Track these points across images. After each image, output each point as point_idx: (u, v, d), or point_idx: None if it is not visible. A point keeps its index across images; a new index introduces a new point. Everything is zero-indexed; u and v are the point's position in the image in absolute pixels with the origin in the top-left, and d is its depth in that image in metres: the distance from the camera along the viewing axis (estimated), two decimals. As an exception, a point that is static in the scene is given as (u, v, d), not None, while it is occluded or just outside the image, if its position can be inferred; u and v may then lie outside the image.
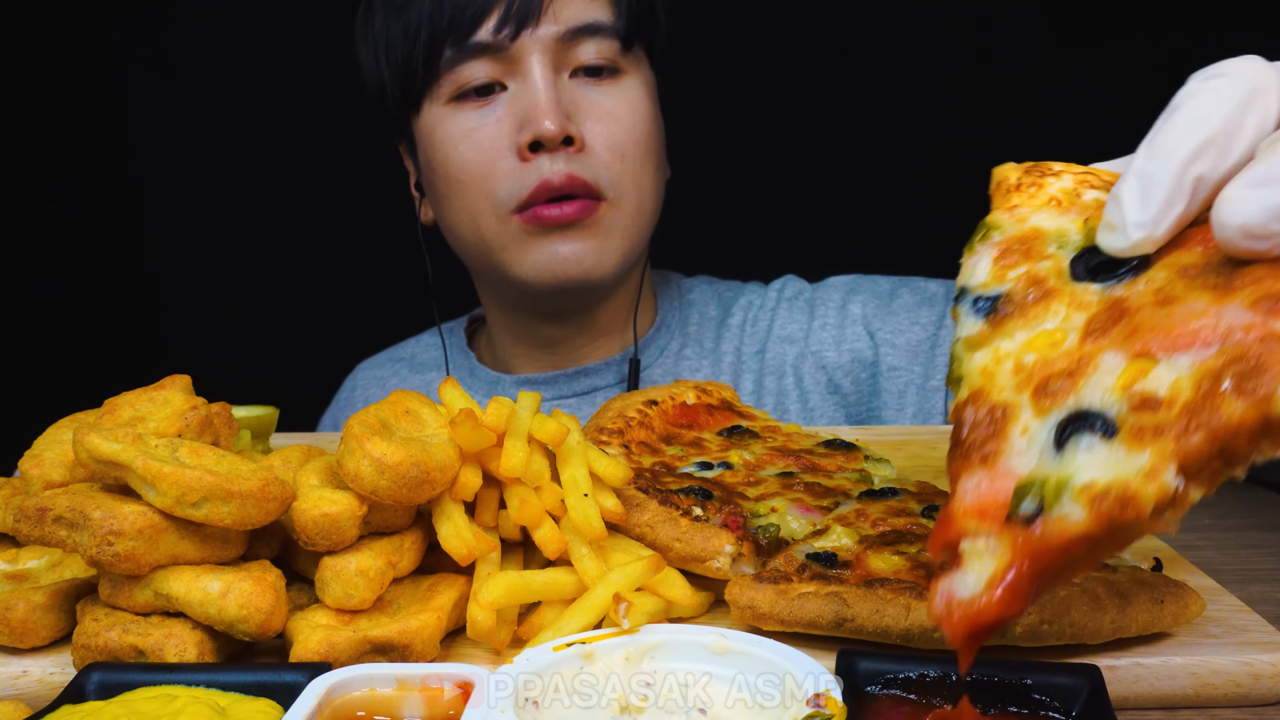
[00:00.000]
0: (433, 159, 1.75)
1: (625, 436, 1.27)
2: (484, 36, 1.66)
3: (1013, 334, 0.78)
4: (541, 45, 1.67)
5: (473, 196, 1.72)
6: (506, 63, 1.68)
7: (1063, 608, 0.92)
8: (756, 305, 2.00)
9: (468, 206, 1.73)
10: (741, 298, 2.03)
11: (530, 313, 1.87)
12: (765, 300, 2.00)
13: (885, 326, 1.89)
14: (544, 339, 1.90)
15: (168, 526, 0.91)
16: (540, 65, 1.67)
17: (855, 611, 0.93)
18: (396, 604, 0.98)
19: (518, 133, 1.67)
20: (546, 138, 1.64)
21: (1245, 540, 1.28)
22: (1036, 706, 0.82)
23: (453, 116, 1.72)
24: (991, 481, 0.74)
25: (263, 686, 0.85)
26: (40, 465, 1.08)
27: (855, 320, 1.92)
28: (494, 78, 1.69)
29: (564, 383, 1.91)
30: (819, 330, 1.93)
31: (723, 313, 2.01)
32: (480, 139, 1.69)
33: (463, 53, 1.68)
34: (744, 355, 1.95)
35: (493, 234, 1.72)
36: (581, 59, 1.71)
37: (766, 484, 1.18)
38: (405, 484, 0.94)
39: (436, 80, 1.71)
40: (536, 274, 1.72)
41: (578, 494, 1.00)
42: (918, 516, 1.11)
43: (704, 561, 1.03)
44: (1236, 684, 0.92)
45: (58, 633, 0.99)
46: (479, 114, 1.70)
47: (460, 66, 1.69)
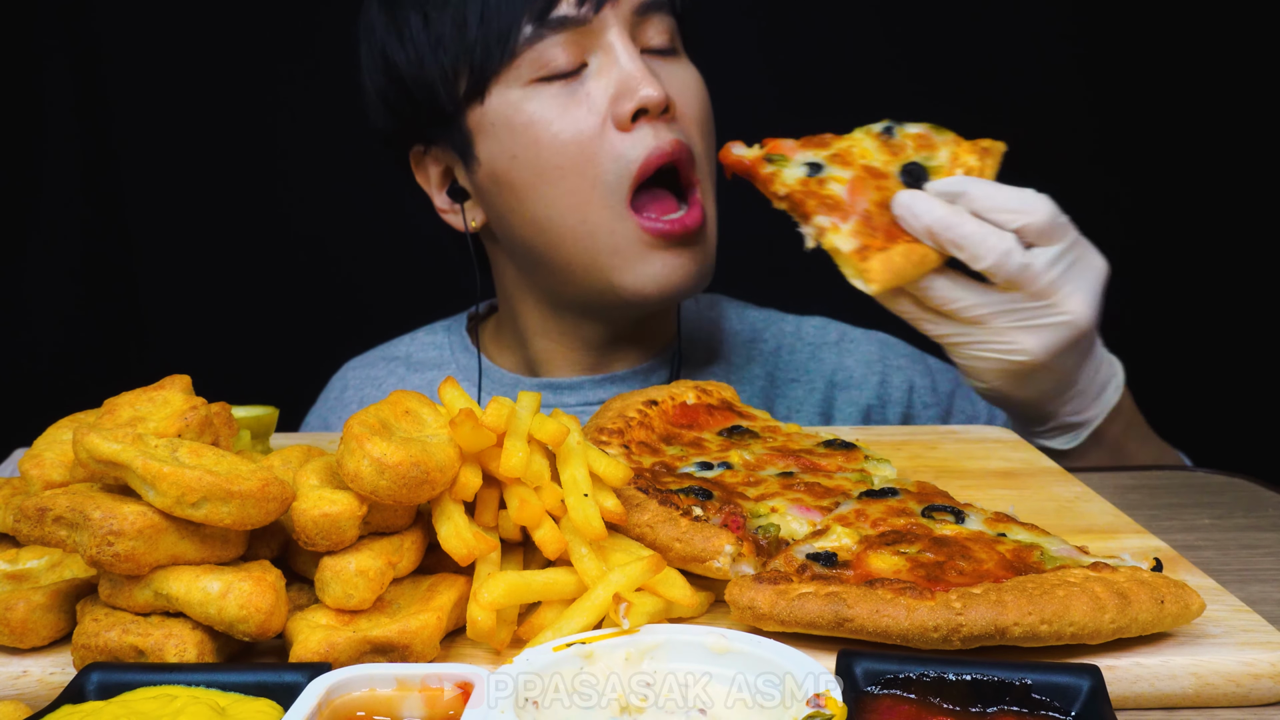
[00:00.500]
0: (516, 146, 1.67)
1: (625, 436, 1.27)
2: (566, 10, 1.62)
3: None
4: (620, 18, 1.65)
5: (574, 183, 1.65)
6: (586, 38, 1.64)
7: (1063, 608, 0.92)
8: (791, 335, 2.00)
9: (570, 194, 1.66)
10: (772, 324, 2.02)
11: (582, 315, 1.83)
12: (801, 333, 2.00)
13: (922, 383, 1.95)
14: (587, 340, 1.86)
15: (168, 526, 0.91)
16: (623, 37, 1.65)
17: (855, 611, 0.93)
18: (396, 604, 0.98)
19: (612, 105, 1.63)
20: (653, 103, 1.61)
21: (1245, 540, 1.28)
22: (1036, 706, 0.82)
23: (537, 96, 1.65)
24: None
25: (263, 686, 0.85)
26: (40, 465, 1.08)
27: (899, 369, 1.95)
28: (575, 57, 1.65)
29: (589, 389, 1.87)
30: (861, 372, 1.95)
31: (751, 333, 2.00)
32: (574, 120, 1.64)
33: (544, 27, 1.62)
34: (778, 381, 1.94)
35: (605, 230, 1.66)
36: (649, 37, 1.70)
37: (766, 484, 1.18)
38: (405, 484, 0.94)
39: (513, 60, 1.64)
40: (649, 286, 1.68)
41: (578, 494, 1.00)
42: (918, 516, 1.11)
43: (704, 561, 1.03)
44: (1236, 684, 0.92)
45: (58, 633, 0.99)
46: (566, 93, 1.65)
47: (539, 44, 1.63)
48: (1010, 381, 1.49)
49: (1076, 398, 1.55)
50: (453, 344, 2.04)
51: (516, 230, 1.76)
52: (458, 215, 1.83)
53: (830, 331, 2.01)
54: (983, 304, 1.43)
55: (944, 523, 1.10)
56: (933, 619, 0.92)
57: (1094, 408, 1.56)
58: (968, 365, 1.50)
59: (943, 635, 0.92)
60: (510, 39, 1.63)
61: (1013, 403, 1.56)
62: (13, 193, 2.91)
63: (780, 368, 1.96)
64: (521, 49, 1.63)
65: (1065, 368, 1.48)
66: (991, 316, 1.43)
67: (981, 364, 1.47)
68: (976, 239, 1.39)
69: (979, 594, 0.93)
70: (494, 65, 1.65)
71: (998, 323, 1.43)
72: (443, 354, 2.04)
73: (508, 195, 1.72)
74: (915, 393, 1.94)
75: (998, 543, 1.05)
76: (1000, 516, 1.12)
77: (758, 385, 1.94)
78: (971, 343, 1.46)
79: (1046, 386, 1.51)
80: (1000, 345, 1.45)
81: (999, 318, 1.43)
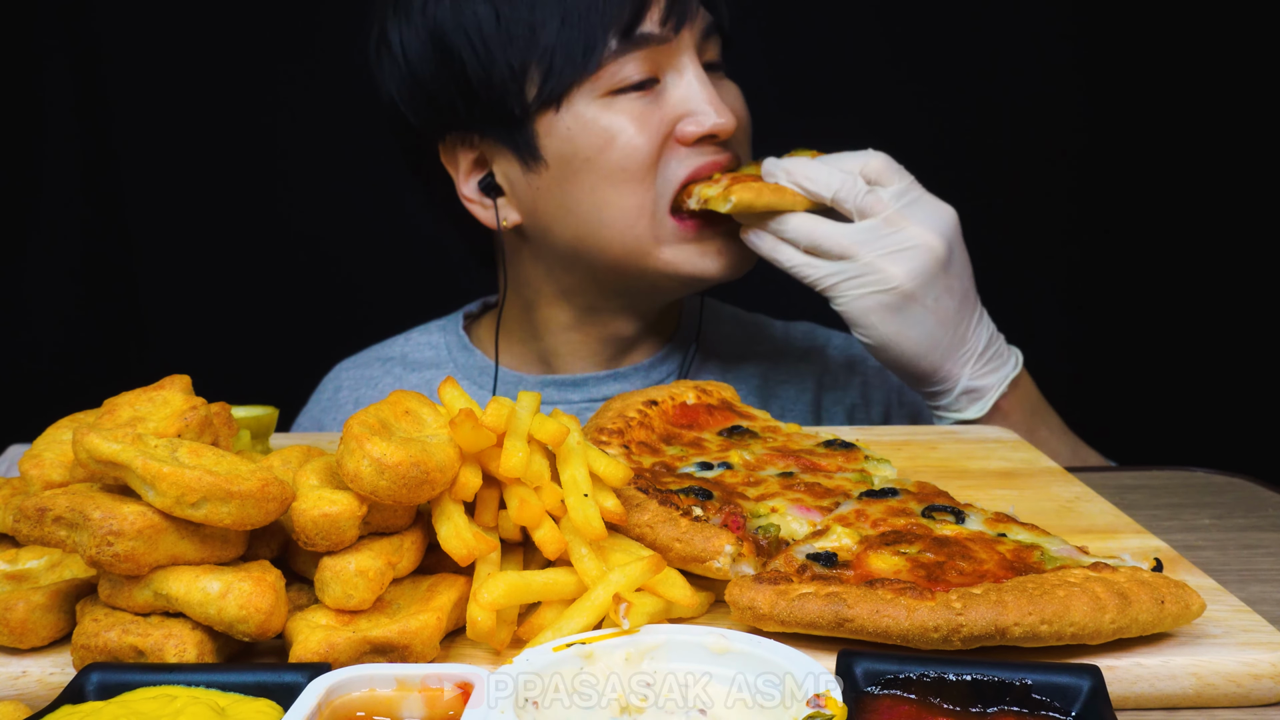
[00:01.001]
0: (591, 148, 1.71)
1: (625, 436, 1.27)
2: (650, 28, 1.68)
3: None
4: (693, 39, 1.73)
5: (634, 188, 1.72)
6: (660, 55, 1.71)
7: (1063, 608, 0.92)
8: (780, 339, 2.09)
9: (629, 196, 1.72)
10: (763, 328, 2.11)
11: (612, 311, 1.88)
12: (790, 337, 2.10)
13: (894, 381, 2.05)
14: (610, 336, 1.91)
15: (167, 527, 0.91)
16: (694, 60, 1.73)
17: (855, 612, 0.93)
18: (396, 604, 0.98)
19: (681, 123, 1.71)
20: (723, 131, 1.71)
21: (1245, 540, 1.28)
22: (1036, 706, 0.82)
23: (615, 105, 1.70)
24: None
25: (262, 687, 0.85)
26: (40, 465, 1.08)
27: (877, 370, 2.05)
28: (649, 71, 1.71)
29: (593, 385, 1.91)
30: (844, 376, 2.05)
31: (744, 336, 2.07)
32: (651, 125, 1.70)
33: (628, 44, 1.67)
34: (771, 382, 2.01)
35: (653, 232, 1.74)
36: (708, 55, 1.78)
37: (766, 484, 1.18)
38: (405, 484, 0.94)
39: (597, 72, 1.68)
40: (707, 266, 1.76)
41: (578, 494, 1.00)
42: (918, 516, 1.11)
43: (704, 561, 1.03)
44: (1237, 684, 0.92)
45: (57, 633, 0.99)
46: (643, 102, 1.71)
47: (623, 58, 1.68)
48: (892, 321, 1.62)
49: (971, 359, 1.67)
50: (449, 343, 2.05)
51: (565, 230, 1.78)
52: (486, 210, 1.84)
53: (816, 336, 2.11)
54: (843, 234, 1.62)
55: (944, 523, 1.10)
56: (933, 619, 0.92)
57: (991, 376, 1.69)
58: (850, 310, 1.64)
59: (943, 635, 0.92)
60: (595, 51, 1.67)
61: (906, 357, 1.66)
62: (13, 193, 2.91)
63: (772, 369, 2.03)
64: (606, 62, 1.68)
65: (941, 306, 1.63)
66: (854, 246, 1.61)
67: (861, 304, 1.62)
68: (823, 173, 1.64)
69: (979, 594, 0.93)
70: (575, 75, 1.68)
71: (862, 253, 1.61)
72: (439, 353, 2.05)
73: (568, 197, 1.75)
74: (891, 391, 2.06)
75: (998, 543, 1.05)
76: (1000, 516, 1.12)
77: (753, 385, 2.00)
78: (846, 279, 1.62)
79: (930, 326, 1.63)
80: (871, 278, 1.61)
81: (861, 247, 1.61)
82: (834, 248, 1.62)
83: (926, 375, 1.68)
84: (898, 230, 1.61)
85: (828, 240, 1.62)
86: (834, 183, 1.63)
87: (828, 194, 1.63)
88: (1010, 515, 1.14)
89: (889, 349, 1.66)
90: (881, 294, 1.61)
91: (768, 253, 1.68)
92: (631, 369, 1.93)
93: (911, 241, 1.60)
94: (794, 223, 1.65)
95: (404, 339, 2.11)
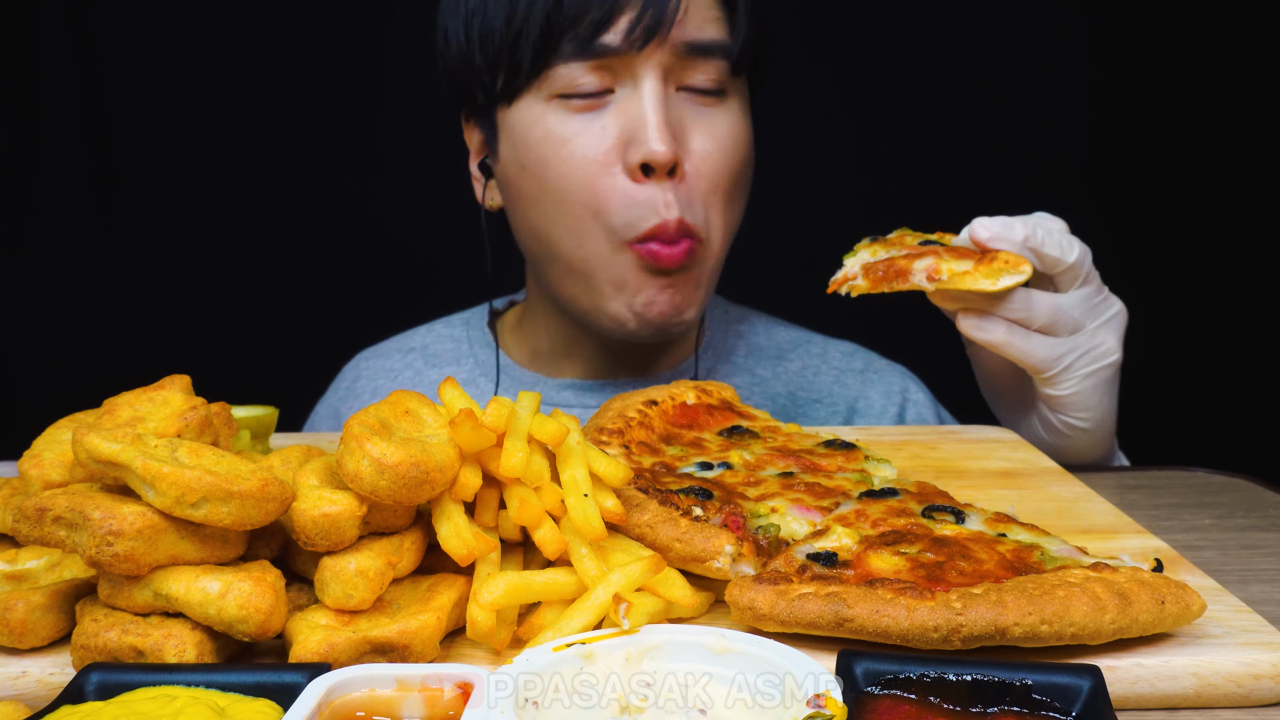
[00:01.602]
0: (527, 159, 1.67)
1: (625, 436, 1.27)
2: (612, 40, 1.59)
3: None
4: (662, 57, 1.61)
5: (578, 213, 1.64)
6: (620, 69, 1.61)
7: (1063, 608, 0.92)
8: (817, 356, 2.01)
9: (572, 223, 1.65)
10: (800, 344, 2.03)
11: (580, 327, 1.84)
12: (828, 356, 2.01)
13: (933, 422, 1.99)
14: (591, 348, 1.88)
15: (167, 527, 0.91)
16: (655, 79, 1.61)
17: (855, 612, 0.93)
18: (396, 604, 0.98)
19: (624, 147, 1.62)
20: (657, 162, 1.59)
21: (1245, 540, 1.28)
22: (1036, 706, 0.82)
23: (554, 115, 1.64)
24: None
25: (262, 687, 0.85)
26: (40, 465, 1.08)
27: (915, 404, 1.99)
28: (605, 84, 1.62)
29: (612, 391, 1.87)
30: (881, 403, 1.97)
31: (776, 349, 2.01)
32: (584, 148, 1.62)
33: (584, 53, 1.60)
34: (800, 401, 1.95)
35: (604, 261, 1.65)
36: (691, 78, 1.65)
37: (766, 484, 1.18)
38: (405, 484, 0.94)
39: (545, 73, 1.63)
40: (628, 316, 1.68)
41: (578, 494, 1.00)
42: (918, 516, 1.11)
43: (704, 561, 1.03)
44: (1237, 684, 0.92)
45: (57, 633, 0.99)
46: (584, 119, 1.63)
47: (575, 63, 1.61)
48: (1108, 396, 1.52)
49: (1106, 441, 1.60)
50: (471, 338, 2.02)
51: (522, 231, 1.78)
52: (480, 185, 1.85)
53: (857, 359, 2.01)
54: (1076, 306, 1.46)
55: (944, 523, 1.10)
56: (933, 619, 0.92)
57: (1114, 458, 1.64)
58: (1073, 391, 1.49)
59: (943, 635, 0.92)
60: (548, 54, 1.61)
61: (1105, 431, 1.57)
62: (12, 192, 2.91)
63: (804, 387, 1.97)
64: (557, 64, 1.61)
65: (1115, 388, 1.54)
66: (1084, 315, 1.46)
67: (1085, 383, 1.49)
68: (1056, 236, 1.45)
69: (979, 594, 0.93)
70: (525, 74, 1.64)
71: (1089, 322, 1.47)
72: (460, 347, 2.02)
73: (518, 198, 1.74)
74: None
75: (998, 543, 1.05)
76: (1000, 517, 1.12)
77: (779, 402, 1.94)
78: (1077, 358, 1.47)
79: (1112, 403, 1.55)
80: (1095, 351, 1.47)
81: (1088, 317, 1.47)
82: (1070, 324, 1.46)
83: (1106, 455, 1.60)
84: (1104, 297, 1.48)
85: (1067, 315, 1.45)
86: (1075, 248, 1.45)
87: (1069, 259, 1.44)
88: (1010, 515, 1.14)
89: (1101, 428, 1.54)
90: (1105, 368, 1.49)
91: (999, 341, 1.45)
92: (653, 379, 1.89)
93: (1115, 307, 1.49)
94: (1040, 302, 1.44)
95: (426, 329, 2.10)
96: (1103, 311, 1.48)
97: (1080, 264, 1.45)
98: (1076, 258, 1.44)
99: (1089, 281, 1.46)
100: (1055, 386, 1.49)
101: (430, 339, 2.07)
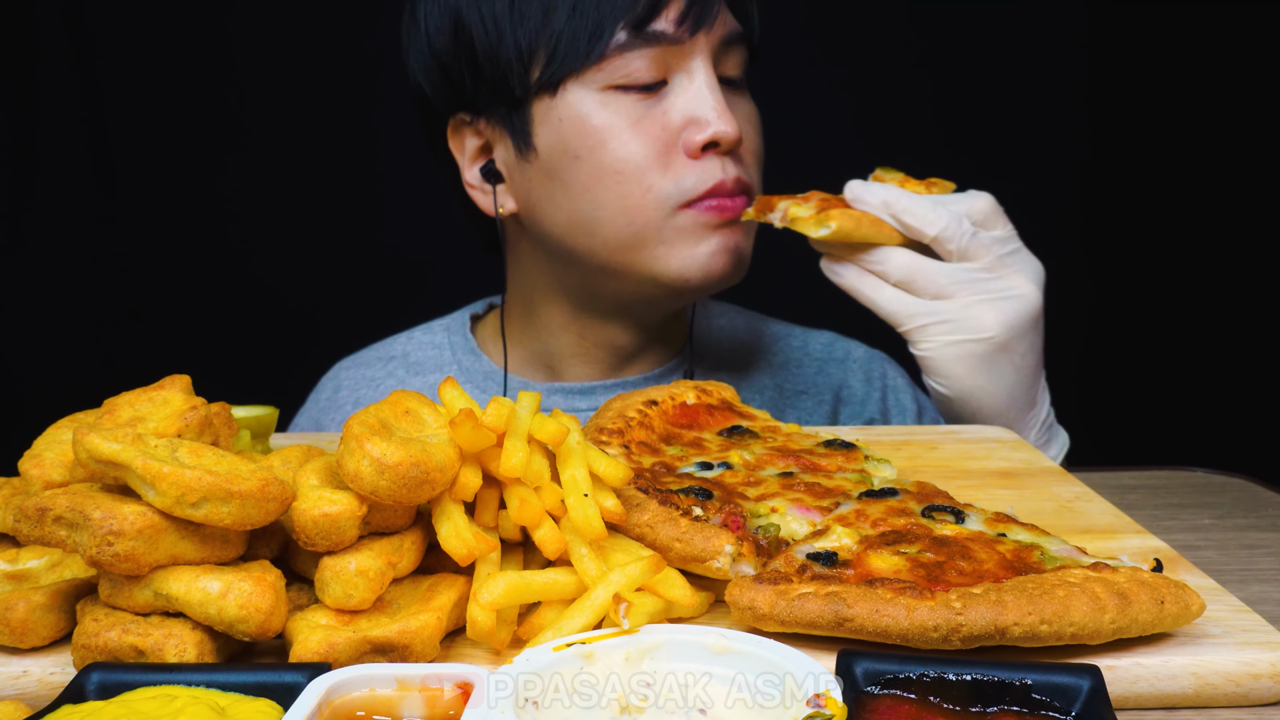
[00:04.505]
0: (583, 146, 1.67)
1: (625, 436, 1.27)
2: (664, 26, 1.62)
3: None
4: (710, 45, 1.66)
5: (629, 188, 1.66)
6: (672, 56, 1.65)
7: (1063, 608, 0.92)
8: (798, 349, 2.04)
9: (621, 198, 1.67)
10: (781, 337, 2.05)
11: (608, 316, 1.84)
12: (809, 348, 2.04)
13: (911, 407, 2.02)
14: (609, 341, 1.87)
15: (167, 527, 0.91)
16: (708, 65, 1.66)
17: (855, 611, 0.93)
18: (396, 604, 0.98)
19: (684, 129, 1.65)
20: (727, 140, 1.64)
21: (1245, 540, 1.28)
22: (1036, 706, 0.82)
23: (613, 103, 1.65)
24: None
25: (262, 687, 0.85)
26: (40, 465, 1.08)
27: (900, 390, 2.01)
28: (658, 72, 1.65)
29: (602, 394, 1.87)
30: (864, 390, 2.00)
31: (760, 344, 2.03)
32: (648, 132, 1.65)
33: (637, 39, 1.62)
34: (787, 392, 1.97)
35: (653, 228, 1.67)
36: (726, 67, 1.72)
37: (766, 484, 1.18)
38: (405, 484, 0.94)
39: (598, 63, 1.64)
40: (692, 268, 1.69)
41: (578, 494, 1.00)
42: (918, 516, 1.11)
43: (704, 561, 1.03)
44: (1236, 684, 0.92)
45: (58, 633, 0.99)
46: (644, 105, 1.66)
47: (629, 54, 1.63)
48: (978, 372, 1.55)
49: (1036, 425, 1.62)
50: (454, 344, 2.01)
51: (555, 224, 1.75)
52: (487, 196, 1.82)
53: (836, 348, 2.05)
54: (943, 273, 1.52)
55: (944, 523, 1.10)
56: (933, 619, 0.92)
57: (1048, 449, 1.66)
58: (935, 356, 1.56)
59: (943, 635, 0.92)
60: (601, 41, 1.63)
61: (983, 414, 1.60)
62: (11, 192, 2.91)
63: (789, 379, 1.99)
64: (610, 54, 1.63)
65: (1025, 362, 1.56)
66: (953, 287, 1.52)
67: (949, 351, 1.55)
68: (925, 208, 1.53)
69: (979, 594, 0.93)
70: (576, 63, 1.64)
71: (960, 295, 1.52)
72: (443, 354, 2.01)
73: (557, 190, 1.72)
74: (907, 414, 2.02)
75: (998, 543, 1.05)
76: (1000, 516, 1.12)
77: (768, 395, 1.96)
78: (938, 322, 1.54)
79: (1011, 382, 1.57)
80: (964, 323, 1.53)
81: (961, 288, 1.52)
82: (931, 287, 1.53)
83: (1021, 432, 1.62)
84: (999, 278, 1.53)
85: (927, 278, 1.53)
86: (940, 221, 1.52)
87: (931, 232, 1.52)
88: (1010, 515, 1.14)
89: (968, 402, 1.59)
90: (973, 342, 1.53)
91: (849, 285, 1.58)
92: (640, 378, 1.90)
93: (1013, 291, 1.53)
94: (895, 257, 1.53)
95: (406, 337, 2.08)
96: (989, 291, 1.53)
97: (947, 238, 1.52)
98: (938, 231, 1.52)
99: (974, 258, 1.52)
100: (914, 346, 1.58)
101: (411, 346, 2.05)
